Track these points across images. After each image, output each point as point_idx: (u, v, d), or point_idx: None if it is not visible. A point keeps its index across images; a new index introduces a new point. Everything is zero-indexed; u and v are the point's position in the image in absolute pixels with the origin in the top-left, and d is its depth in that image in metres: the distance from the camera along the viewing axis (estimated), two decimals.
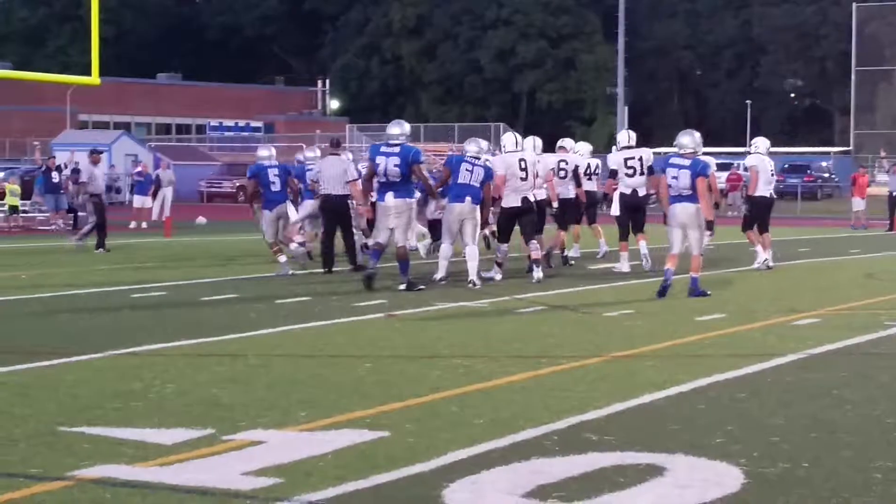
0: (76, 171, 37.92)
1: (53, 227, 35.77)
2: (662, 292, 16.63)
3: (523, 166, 19.07)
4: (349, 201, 20.46)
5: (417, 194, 18.82)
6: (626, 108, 63.87)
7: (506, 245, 19.43)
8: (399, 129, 17.86)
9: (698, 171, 16.72)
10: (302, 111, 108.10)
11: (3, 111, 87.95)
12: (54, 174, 36.33)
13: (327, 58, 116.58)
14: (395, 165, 17.46)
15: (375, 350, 11.85)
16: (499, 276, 19.11)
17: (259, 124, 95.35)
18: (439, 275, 18.40)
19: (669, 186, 16.87)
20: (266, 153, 21.09)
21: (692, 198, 16.69)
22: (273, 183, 20.53)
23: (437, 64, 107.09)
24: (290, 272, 19.92)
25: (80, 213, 36.91)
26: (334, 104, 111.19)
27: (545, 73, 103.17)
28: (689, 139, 16.99)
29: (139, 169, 42.15)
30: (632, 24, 72.03)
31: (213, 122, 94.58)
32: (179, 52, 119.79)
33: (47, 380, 10.13)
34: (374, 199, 18.37)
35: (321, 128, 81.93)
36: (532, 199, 19.23)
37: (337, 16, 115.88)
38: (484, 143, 19.13)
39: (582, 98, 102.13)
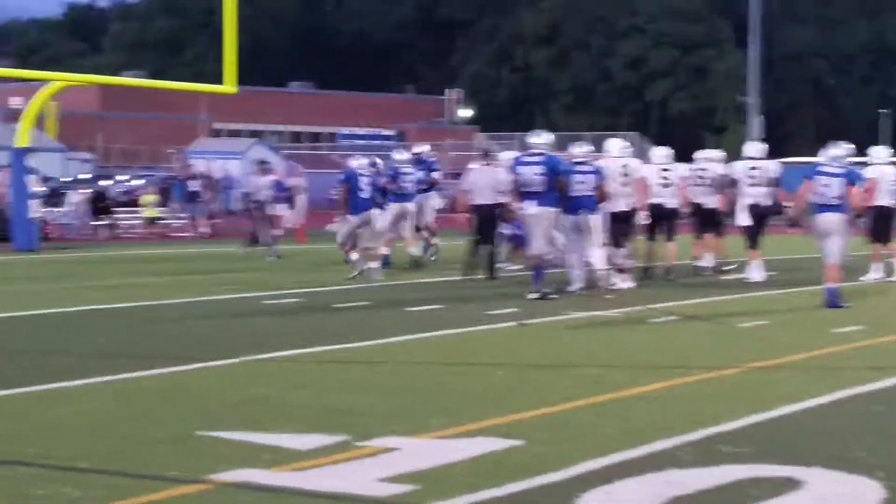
0: (206, 178, 38.47)
1: (192, 233, 36.31)
2: (832, 306, 16.45)
3: (625, 172, 19.53)
4: (497, 211, 20.56)
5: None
6: (760, 117, 63.07)
7: (623, 249, 19.57)
8: (540, 138, 18.12)
9: (851, 179, 16.66)
10: (432, 119, 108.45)
11: (139, 119, 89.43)
12: (191, 183, 36.88)
13: (458, 66, 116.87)
14: (537, 174, 17.59)
15: (508, 358, 11.85)
16: (626, 284, 19.09)
17: (390, 132, 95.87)
18: (575, 285, 18.36)
19: (817, 195, 16.73)
20: (357, 163, 21.78)
21: (839, 208, 16.53)
22: (362, 189, 21.16)
23: (568, 72, 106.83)
24: (359, 273, 20.60)
25: (216, 220, 37.49)
26: (464, 112, 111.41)
27: (677, 82, 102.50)
28: (841, 150, 16.92)
29: (273, 177, 42.50)
30: (764, 32, 71.23)
31: (345, 131, 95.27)
32: (311, 60, 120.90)
33: (184, 384, 10.29)
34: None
35: (451, 136, 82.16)
36: (630, 205, 19.64)
37: (468, 24, 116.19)
38: (587, 147, 19.22)
39: (713, 106, 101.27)
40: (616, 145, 20.17)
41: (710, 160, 22.30)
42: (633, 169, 19.80)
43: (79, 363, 11.39)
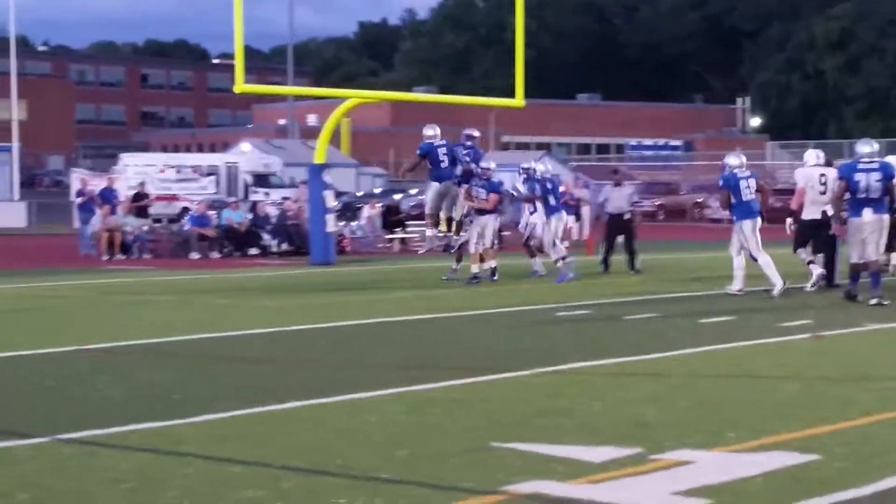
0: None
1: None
2: None
3: (823, 181, 19.85)
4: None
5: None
6: None
7: (803, 251, 20.12)
8: (870, 147, 18.27)
9: None
10: (721, 129, 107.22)
11: None
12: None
13: (746, 74, 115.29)
14: (877, 181, 17.77)
15: (802, 371, 11.63)
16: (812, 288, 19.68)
17: (678, 143, 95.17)
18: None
19: None
20: (432, 132, 23.53)
21: None
22: (442, 161, 22.89)
23: (861, 78, 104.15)
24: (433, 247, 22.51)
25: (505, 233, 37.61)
26: (754, 121, 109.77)
27: None
28: None
29: (561, 189, 42.61)
30: None
31: (633, 142, 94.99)
32: (599, 72, 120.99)
33: (479, 396, 10.39)
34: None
35: (740, 145, 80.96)
36: (830, 212, 19.57)
37: (757, 31, 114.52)
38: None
39: None
40: (812, 156, 20.55)
41: None
42: (831, 178, 19.77)
43: (373, 374, 11.64)
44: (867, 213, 17.81)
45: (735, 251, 19.69)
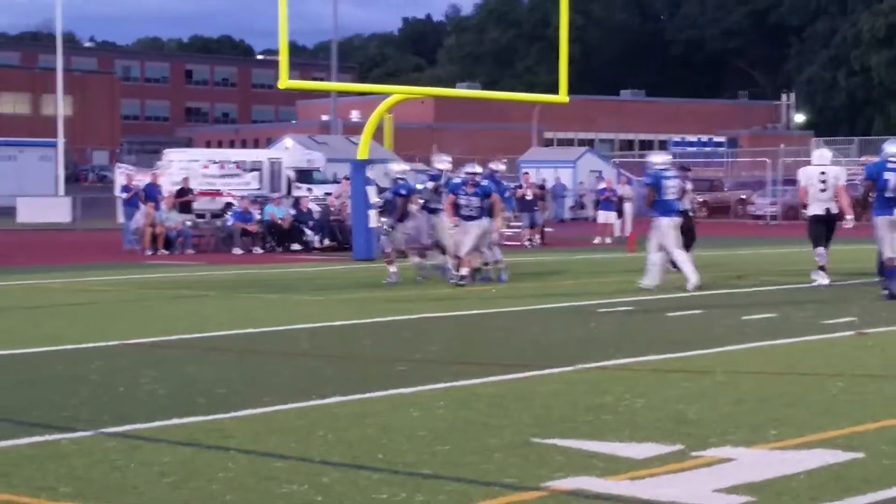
0: (543, 188, 38.58)
1: (522, 242, 36.46)
2: None
3: (822, 178, 20.13)
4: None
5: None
6: None
7: (821, 248, 20.08)
8: None
9: None
10: (766, 125, 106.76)
11: (472, 129, 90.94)
12: (527, 192, 37.08)
13: (792, 70, 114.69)
14: None
15: (847, 368, 11.56)
16: (826, 281, 19.90)
17: (722, 139, 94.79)
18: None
19: None
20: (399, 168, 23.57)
21: None
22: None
23: None
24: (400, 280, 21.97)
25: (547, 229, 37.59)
26: (799, 118, 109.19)
27: None
28: None
29: (603, 185, 42.64)
30: None
31: (676, 138, 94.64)
32: (643, 68, 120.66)
33: (521, 392, 10.38)
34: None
35: (785, 142, 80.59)
36: (834, 209, 20.02)
37: (802, 27, 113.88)
38: None
39: None
40: (817, 156, 20.97)
41: None
42: (832, 175, 20.18)
43: (416, 370, 11.66)
44: None
45: (654, 248, 20.05)
